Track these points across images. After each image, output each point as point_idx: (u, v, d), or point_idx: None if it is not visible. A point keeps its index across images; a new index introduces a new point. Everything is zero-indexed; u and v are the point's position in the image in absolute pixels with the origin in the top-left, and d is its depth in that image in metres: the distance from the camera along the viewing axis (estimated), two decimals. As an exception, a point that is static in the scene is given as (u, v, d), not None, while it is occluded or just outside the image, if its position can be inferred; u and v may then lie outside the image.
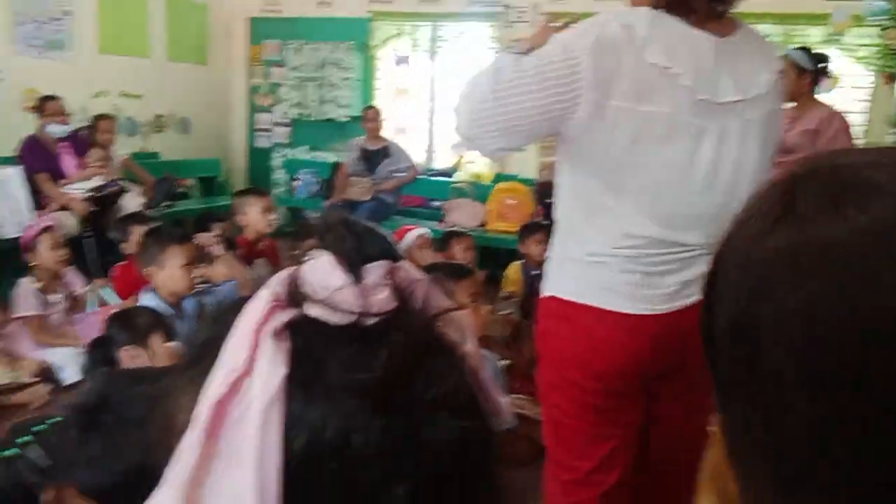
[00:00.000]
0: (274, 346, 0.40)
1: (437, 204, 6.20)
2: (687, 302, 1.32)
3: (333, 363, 0.41)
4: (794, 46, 3.76)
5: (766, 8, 4.70)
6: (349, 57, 6.78)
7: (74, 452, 1.19)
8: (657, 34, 1.22)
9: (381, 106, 6.36)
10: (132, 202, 4.73)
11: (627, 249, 1.31)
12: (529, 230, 4.06)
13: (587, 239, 1.34)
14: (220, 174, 6.88)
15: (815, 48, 3.70)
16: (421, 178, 6.06)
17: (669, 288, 1.33)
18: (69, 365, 3.22)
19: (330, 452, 0.40)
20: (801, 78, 3.27)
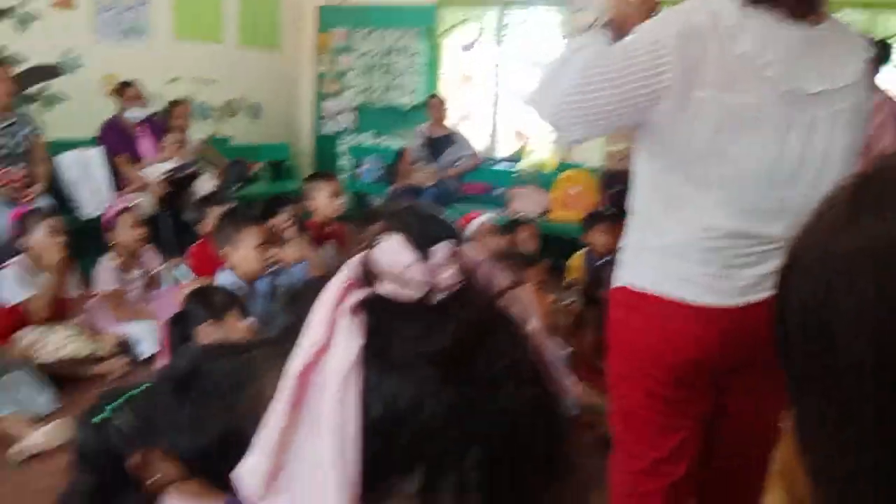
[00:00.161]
0: (350, 321, 0.43)
1: (499, 191, 6.18)
2: (763, 296, 1.30)
3: (405, 336, 0.44)
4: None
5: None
6: (415, 44, 6.80)
7: (164, 418, 1.25)
8: (744, 23, 1.20)
9: (445, 93, 6.39)
10: (206, 184, 4.89)
11: (707, 241, 1.29)
12: (594, 220, 4.03)
13: (665, 230, 1.33)
14: (288, 159, 7.01)
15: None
16: (484, 165, 6.06)
17: (747, 281, 1.30)
18: (146, 339, 3.37)
19: (404, 420, 0.43)
20: None
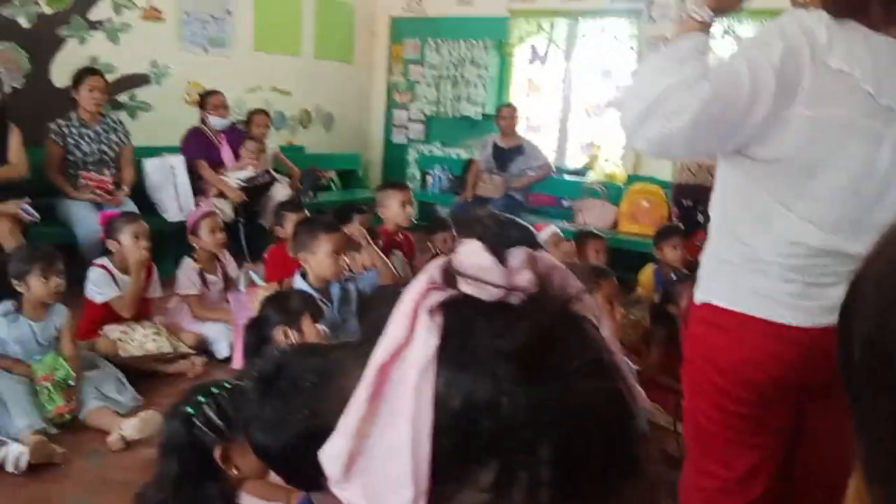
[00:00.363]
0: (429, 320, 0.46)
1: (567, 203, 6.16)
2: None
3: (483, 334, 0.46)
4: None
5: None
6: (486, 55, 6.85)
7: (247, 415, 1.32)
8: (837, 38, 1.19)
9: (514, 103, 6.40)
10: (281, 192, 5.04)
11: (792, 258, 1.28)
12: (665, 234, 3.97)
13: (750, 246, 1.32)
14: (359, 167, 7.16)
15: None
16: (552, 176, 6.05)
17: (830, 301, 1.28)
18: (222, 339, 3.51)
19: (481, 414, 0.45)
20: None
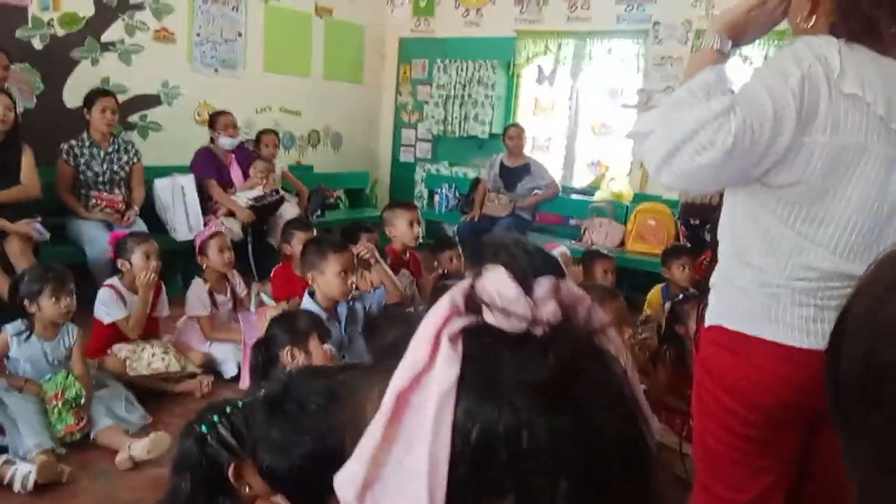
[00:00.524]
0: (451, 347, 0.45)
1: (574, 222, 6.17)
2: None
3: (506, 365, 0.45)
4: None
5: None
6: (493, 75, 6.89)
7: (255, 437, 1.32)
8: (848, 63, 1.20)
9: (522, 123, 6.44)
10: (290, 211, 5.07)
11: (804, 282, 1.28)
12: (673, 254, 3.96)
13: (761, 269, 1.32)
14: (367, 186, 7.20)
15: None
16: (559, 195, 6.06)
17: None
18: (230, 359, 3.51)
19: (501, 445, 0.44)
20: None
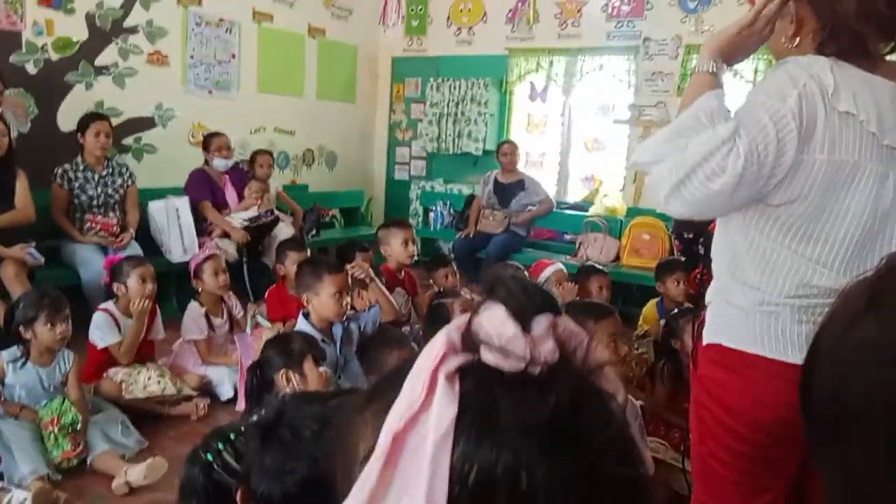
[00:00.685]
0: (447, 386, 0.45)
1: (569, 237, 6.18)
2: None
3: (504, 406, 0.45)
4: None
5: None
6: (486, 92, 6.93)
7: (255, 461, 1.32)
8: (841, 81, 1.21)
9: (515, 139, 6.47)
10: (285, 231, 5.07)
11: (802, 299, 1.28)
12: (667, 268, 3.95)
13: (758, 288, 1.32)
14: (362, 205, 7.20)
15: None
16: (553, 211, 6.08)
17: None
18: (225, 381, 3.50)
19: (500, 488, 0.43)
20: None
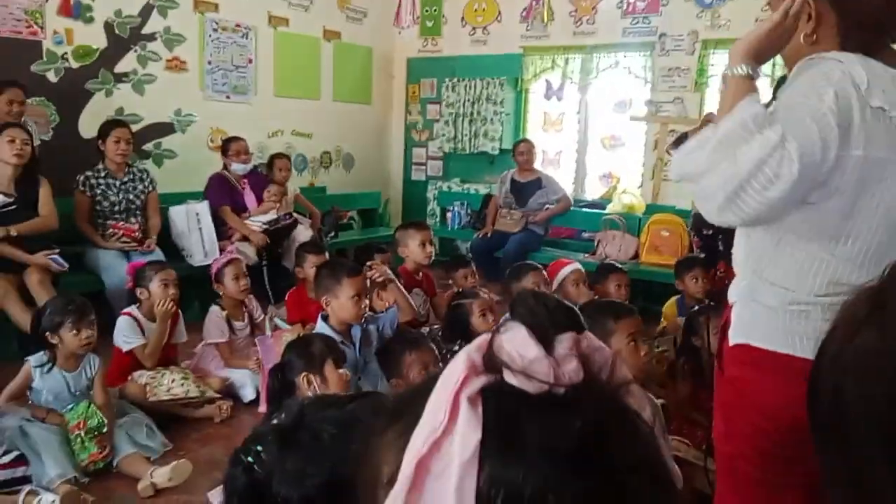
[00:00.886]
0: (470, 409, 0.44)
1: (587, 235, 6.15)
2: None
3: (530, 428, 0.44)
4: None
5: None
6: (501, 91, 6.93)
7: (276, 466, 1.33)
8: (872, 77, 1.20)
9: (531, 138, 6.46)
10: (303, 233, 5.11)
11: (833, 297, 1.26)
12: (686, 266, 3.92)
13: (787, 287, 1.30)
14: (379, 206, 7.23)
15: None
16: (571, 209, 6.07)
17: None
18: (248, 383, 3.54)
19: None
20: None
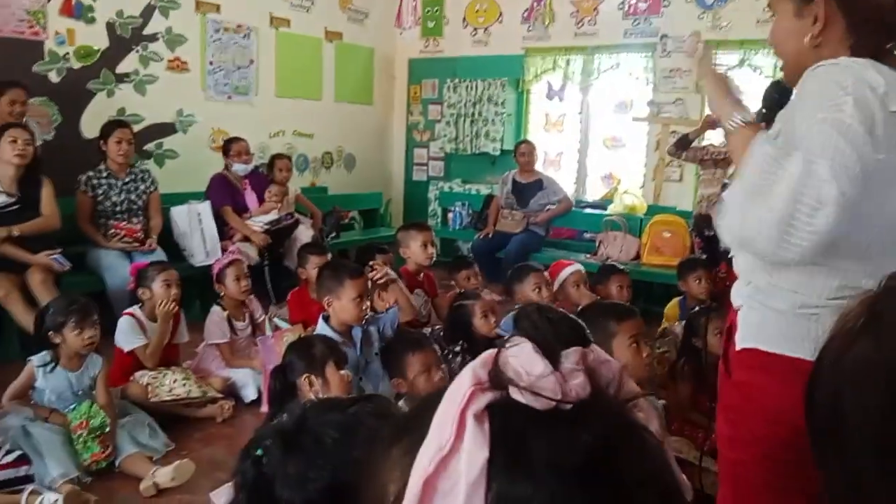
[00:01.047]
0: (476, 428, 0.44)
1: (588, 236, 6.15)
2: None
3: (537, 444, 0.44)
4: None
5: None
6: (503, 92, 6.93)
7: (278, 469, 1.33)
8: (888, 81, 1.20)
9: (533, 139, 6.46)
10: (305, 234, 5.11)
11: (843, 301, 1.25)
12: (688, 267, 3.93)
13: (796, 291, 1.30)
14: (381, 206, 7.24)
15: None
16: (573, 210, 6.07)
17: None
18: (249, 383, 3.55)
19: None
20: None
